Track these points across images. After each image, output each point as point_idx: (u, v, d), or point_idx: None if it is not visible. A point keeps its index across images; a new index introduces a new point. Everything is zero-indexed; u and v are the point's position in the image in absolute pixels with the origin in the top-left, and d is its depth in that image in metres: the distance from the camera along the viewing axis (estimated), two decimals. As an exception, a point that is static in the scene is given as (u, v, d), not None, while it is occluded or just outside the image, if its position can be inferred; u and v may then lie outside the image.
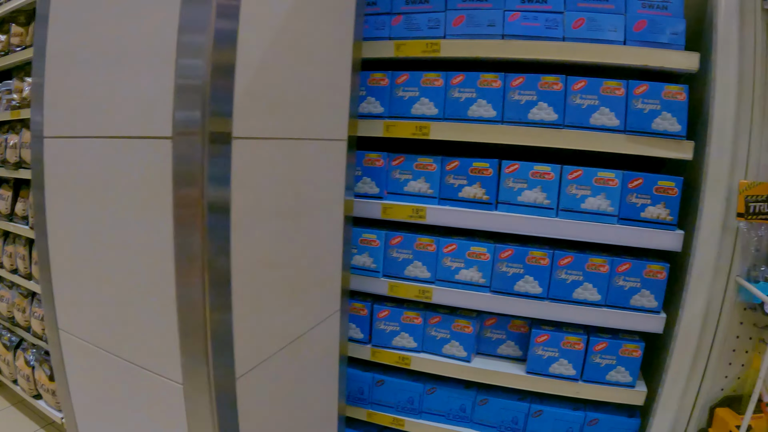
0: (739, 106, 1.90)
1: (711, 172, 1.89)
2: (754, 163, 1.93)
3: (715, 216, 1.91)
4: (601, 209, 1.93)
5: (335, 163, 1.90)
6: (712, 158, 1.89)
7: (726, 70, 1.87)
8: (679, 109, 1.88)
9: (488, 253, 2.02)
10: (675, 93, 1.89)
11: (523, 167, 1.97)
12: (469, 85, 1.99)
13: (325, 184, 1.86)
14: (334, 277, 1.95)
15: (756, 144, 1.92)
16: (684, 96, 1.88)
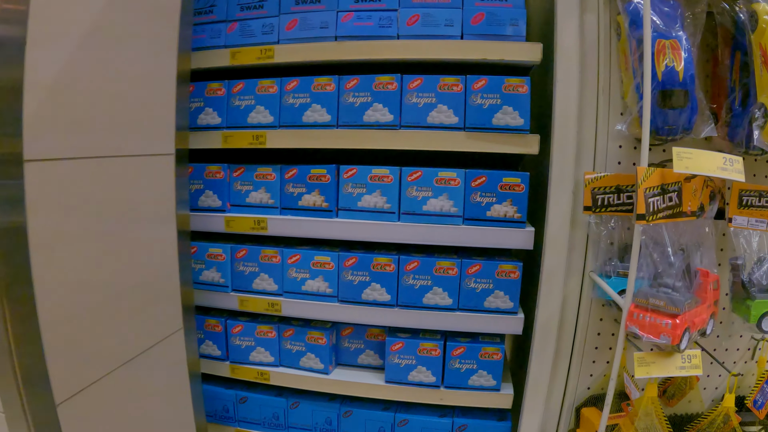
0: (583, 94, 1.71)
1: (556, 165, 1.71)
2: (601, 153, 1.74)
3: (563, 211, 1.72)
4: (445, 210, 1.74)
5: (161, 179, 1.70)
6: (555, 150, 1.70)
7: (566, 57, 1.68)
8: (520, 103, 1.69)
9: (332, 262, 1.83)
10: (516, 86, 1.69)
11: (362, 171, 1.78)
12: (304, 90, 1.79)
13: (148, 200, 1.65)
14: (171, 296, 1.76)
15: (603, 134, 1.73)
16: (526, 88, 1.69)
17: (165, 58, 1.69)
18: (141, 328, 1.65)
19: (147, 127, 1.64)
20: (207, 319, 1.99)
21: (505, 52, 1.68)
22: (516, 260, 1.79)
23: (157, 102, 1.68)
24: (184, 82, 1.75)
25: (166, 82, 1.70)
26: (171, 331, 1.77)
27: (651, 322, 1.43)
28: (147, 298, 1.67)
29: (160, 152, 1.69)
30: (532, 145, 1.71)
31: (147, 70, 1.62)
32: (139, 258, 1.62)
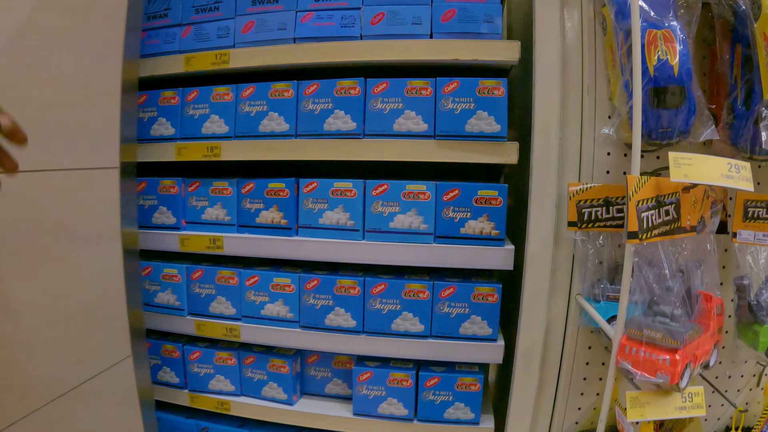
0: (566, 96, 1.45)
1: (536, 176, 1.44)
2: (587, 161, 1.47)
3: (545, 227, 1.45)
4: (414, 227, 1.48)
5: (103, 194, 1.45)
6: (535, 159, 1.44)
7: (546, 54, 1.43)
8: (496, 107, 1.43)
9: (293, 285, 1.57)
10: (491, 88, 1.44)
11: (323, 185, 1.52)
12: (260, 97, 1.54)
13: (88, 217, 1.41)
14: (117, 320, 1.51)
15: (589, 140, 1.47)
16: (502, 91, 1.43)
17: (108, 65, 1.45)
18: (79, 357, 1.41)
19: (86, 139, 1.41)
20: (164, 345, 1.73)
21: (478, 52, 1.43)
22: (495, 281, 1.52)
23: (99, 112, 1.44)
24: (131, 90, 1.52)
25: (110, 91, 1.46)
26: (118, 358, 1.53)
27: (646, 357, 1.15)
28: (87, 323, 1.43)
29: (102, 165, 1.45)
30: (510, 154, 1.45)
31: (86, 77, 1.39)
32: (77, 280, 1.39)
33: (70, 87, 1.34)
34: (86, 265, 1.41)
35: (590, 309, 1.38)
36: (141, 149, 1.64)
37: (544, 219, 1.45)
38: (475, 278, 1.56)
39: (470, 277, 1.56)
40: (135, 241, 1.56)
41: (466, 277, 1.55)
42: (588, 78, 1.45)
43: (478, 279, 1.55)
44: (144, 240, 1.66)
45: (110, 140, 1.47)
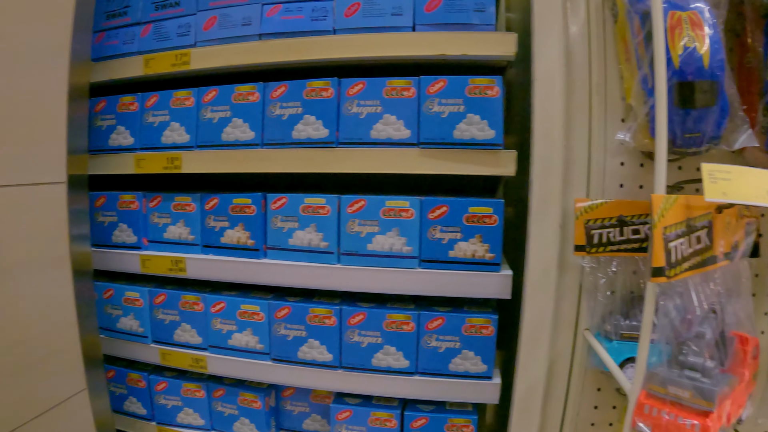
0: (571, 96, 1.17)
1: (537, 190, 1.17)
2: (597, 173, 1.19)
3: (547, 251, 1.18)
4: (396, 250, 1.21)
5: (47, 212, 1.21)
6: (536, 171, 1.17)
7: (547, 46, 1.16)
8: (490, 109, 1.16)
9: (262, 312, 1.31)
10: (484, 87, 1.16)
11: (292, 201, 1.26)
12: (223, 101, 1.29)
13: (27, 238, 1.18)
14: (67, 351, 1.27)
15: (598, 147, 1.19)
16: (497, 90, 1.16)
17: (50, 69, 1.21)
18: (22, 394, 1.18)
19: (25, 151, 1.17)
20: (129, 373, 1.49)
21: (469, 46, 1.16)
22: (490, 312, 1.24)
23: (40, 121, 1.21)
24: (80, 97, 1.28)
25: (53, 98, 1.22)
26: (70, 392, 1.29)
27: (670, 420, 0.87)
28: (30, 357, 1.19)
29: (44, 181, 1.21)
30: (507, 164, 1.17)
31: (24, 83, 1.16)
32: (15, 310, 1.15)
33: (3, 94, 1.11)
34: (26, 293, 1.17)
35: (601, 350, 1.10)
36: (99, 161, 1.40)
37: (546, 242, 1.17)
38: (468, 307, 1.28)
39: (462, 306, 1.28)
40: (88, 261, 1.31)
41: (456, 306, 1.28)
42: (597, 74, 1.17)
43: (471, 308, 1.27)
44: (104, 260, 1.42)
45: (55, 152, 1.23)
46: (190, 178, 1.44)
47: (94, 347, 1.34)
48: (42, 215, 1.20)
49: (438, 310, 1.24)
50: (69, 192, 1.24)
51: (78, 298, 1.27)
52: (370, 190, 1.30)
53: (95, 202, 1.42)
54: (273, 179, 1.43)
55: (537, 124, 1.16)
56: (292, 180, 1.40)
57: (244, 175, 1.29)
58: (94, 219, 1.43)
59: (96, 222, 1.43)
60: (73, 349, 1.29)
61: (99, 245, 1.43)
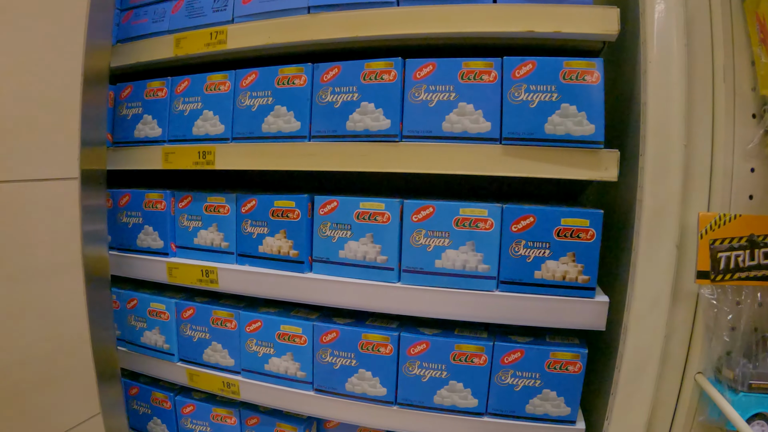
0: (692, 83, 0.91)
1: (648, 200, 0.91)
2: (721, 181, 0.93)
3: (660, 276, 0.92)
4: (470, 268, 0.97)
5: (54, 211, 1.01)
6: (648, 178, 0.91)
7: (663, 24, 0.91)
8: (589, 99, 0.91)
9: (305, 335, 1.09)
10: (582, 72, 0.91)
11: (345, 205, 1.02)
12: (265, 85, 1.06)
13: (31, 240, 0.98)
14: (77, 371, 1.07)
15: (723, 149, 0.93)
16: (597, 76, 0.91)
17: (61, 51, 1.01)
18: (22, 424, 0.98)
19: (30, 143, 0.97)
20: (154, 392, 1.29)
21: (561, 21, 0.91)
22: (578, 344, 0.99)
23: (50, 110, 1.00)
24: (98, 82, 1.07)
25: (64, 84, 1.03)
26: (81, 418, 1.10)
27: None
28: (33, 379, 1.00)
29: (53, 176, 1.00)
30: (608, 167, 0.92)
31: (25, 66, 0.94)
32: (14, 323, 0.95)
33: (6, 79, 0.90)
34: (30, 303, 0.97)
35: (722, 401, 0.85)
36: (123, 154, 1.20)
37: (659, 265, 0.91)
38: (550, 337, 1.03)
39: (543, 336, 1.03)
40: (104, 267, 1.11)
41: (537, 336, 1.03)
42: (720, 58, 0.91)
43: (555, 339, 1.02)
44: (127, 266, 1.22)
45: (66, 144, 1.03)
46: (224, 175, 1.22)
47: (110, 364, 1.14)
48: (51, 215, 1.01)
49: (516, 341, 1.00)
50: (83, 189, 1.04)
51: (92, 308, 1.08)
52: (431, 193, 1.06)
53: (119, 200, 1.22)
54: (319, 178, 1.19)
55: (650, 117, 0.90)
56: (339, 180, 1.17)
57: (287, 173, 1.06)
58: (117, 219, 1.22)
59: (119, 223, 1.22)
60: (85, 369, 1.10)
61: (122, 249, 1.23)
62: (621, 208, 1.06)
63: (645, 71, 0.92)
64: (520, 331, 1.06)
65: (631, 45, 1.00)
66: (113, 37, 1.22)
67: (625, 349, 0.95)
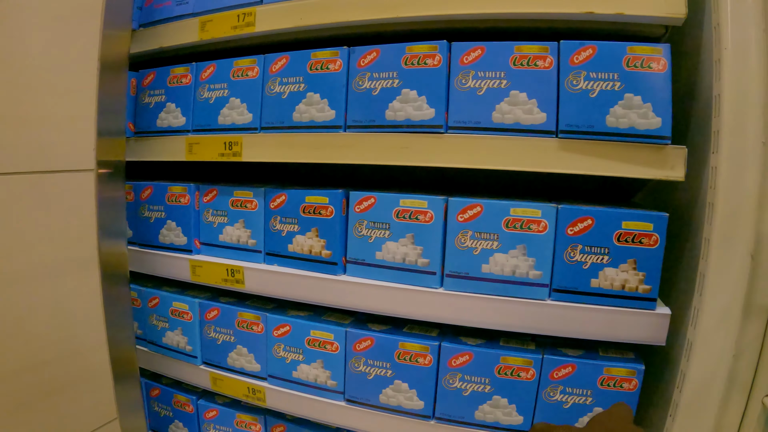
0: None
1: (721, 205, 0.81)
2: (808, 183, 0.82)
3: (731, 288, 0.83)
4: (520, 274, 0.88)
5: (68, 205, 0.94)
6: (721, 177, 0.81)
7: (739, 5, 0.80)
8: (655, 88, 0.81)
9: (337, 342, 1.01)
10: (647, 59, 0.82)
11: (383, 202, 0.94)
12: (296, 71, 0.98)
13: (43, 235, 0.91)
14: (92, 374, 1.01)
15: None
16: (665, 63, 0.81)
17: (76, 35, 0.94)
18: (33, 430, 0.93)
19: (42, 132, 0.90)
20: (176, 394, 1.23)
21: (625, 2, 0.81)
22: (634, 360, 0.90)
23: (62, 98, 0.93)
24: (114, 70, 1.01)
25: (79, 70, 0.96)
26: (96, 424, 1.03)
27: None
28: (44, 384, 0.94)
29: (67, 168, 0.94)
30: (675, 165, 0.82)
31: (37, 52, 0.88)
32: (24, 325, 0.89)
33: (13, 63, 0.84)
34: (41, 303, 0.91)
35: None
36: (145, 144, 1.13)
37: (731, 276, 0.82)
38: (602, 351, 0.94)
39: (595, 349, 0.94)
40: (122, 263, 1.05)
41: (589, 349, 0.94)
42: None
43: (608, 353, 0.93)
44: (149, 263, 1.16)
45: (81, 134, 0.96)
46: (251, 168, 1.14)
47: (128, 365, 1.09)
48: (65, 209, 0.94)
49: (567, 354, 0.91)
50: (100, 181, 0.97)
51: (109, 307, 1.01)
52: (473, 191, 0.98)
53: (141, 193, 1.15)
54: (353, 173, 1.11)
55: (726, 111, 0.80)
56: (373, 174, 1.09)
57: (318, 166, 0.98)
58: (139, 213, 1.16)
59: (142, 217, 1.16)
60: (102, 372, 1.04)
61: (144, 245, 1.16)
62: (682, 211, 0.96)
63: (719, 59, 0.82)
64: (570, 343, 0.98)
65: (695, 31, 0.90)
66: (135, 22, 1.15)
67: (689, 368, 0.86)
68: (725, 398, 0.86)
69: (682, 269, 0.92)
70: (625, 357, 0.92)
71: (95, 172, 0.96)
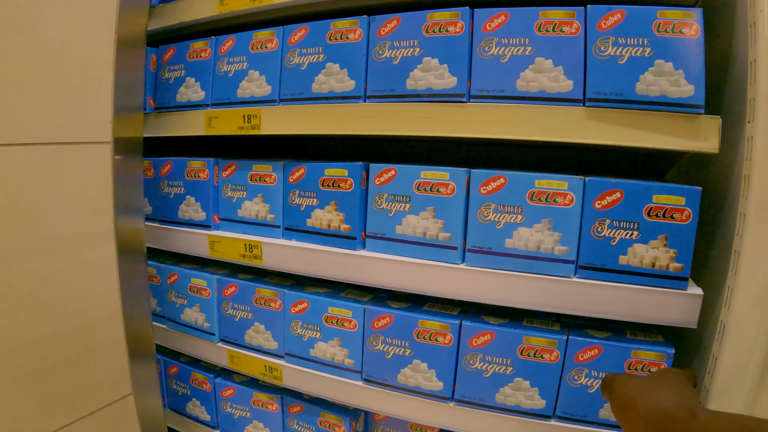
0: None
1: (757, 177, 0.77)
2: None
3: (766, 267, 0.79)
4: (545, 250, 0.85)
5: (84, 177, 0.95)
6: (758, 147, 0.77)
7: None
8: (688, 55, 0.78)
9: (355, 320, 1.00)
10: (679, 24, 0.78)
11: (404, 174, 0.92)
12: (316, 42, 0.97)
13: (58, 207, 0.92)
14: (107, 349, 1.01)
15: None
16: (697, 29, 0.77)
17: (92, 8, 0.94)
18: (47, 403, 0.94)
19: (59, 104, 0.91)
20: (193, 372, 1.24)
21: None
22: (663, 343, 0.87)
23: (79, 71, 0.93)
24: (132, 45, 1.01)
25: (96, 43, 0.96)
26: (110, 399, 1.05)
27: None
28: (59, 358, 0.94)
29: (83, 140, 0.94)
30: (708, 136, 0.78)
31: (54, 24, 0.88)
32: (38, 299, 0.90)
33: (28, 36, 0.85)
34: (56, 276, 0.91)
35: None
36: (165, 119, 1.13)
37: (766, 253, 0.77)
38: (631, 332, 0.91)
39: (623, 331, 0.91)
40: (139, 239, 1.05)
41: (616, 330, 0.91)
42: None
43: (636, 335, 0.90)
44: (169, 239, 1.16)
45: (97, 107, 0.96)
46: (270, 142, 1.14)
47: (144, 342, 1.09)
48: (81, 182, 0.94)
49: (593, 336, 0.88)
50: (117, 156, 0.97)
51: (125, 282, 1.01)
52: (496, 163, 0.95)
53: (161, 169, 1.16)
54: (373, 145, 1.10)
55: (762, 77, 0.76)
56: (394, 147, 1.07)
57: (337, 140, 0.97)
58: (159, 190, 1.17)
59: (162, 193, 1.16)
60: (117, 347, 1.04)
61: (164, 221, 1.17)
62: (716, 185, 0.92)
63: (755, 23, 0.78)
64: (597, 324, 0.95)
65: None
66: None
67: (722, 351, 0.82)
68: (760, 383, 0.82)
69: (716, 247, 0.88)
70: (654, 340, 0.89)
71: (111, 144, 0.97)
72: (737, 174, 0.82)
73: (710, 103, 0.89)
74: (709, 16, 0.94)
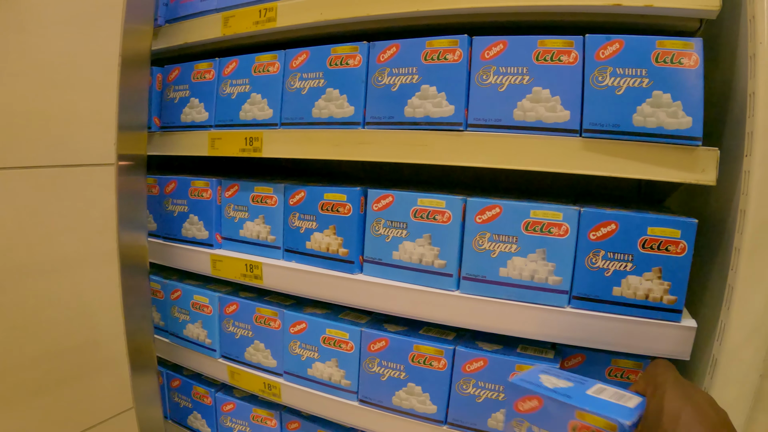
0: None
1: (753, 211, 0.78)
2: None
3: (760, 302, 0.80)
4: (539, 279, 0.87)
5: (88, 198, 0.97)
6: (754, 182, 0.78)
7: None
8: (686, 86, 0.78)
9: (352, 342, 1.02)
10: (678, 54, 0.79)
11: (401, 201, 0.94)
12: (316, 66, 0.99)
13: (63, 227, 0.95)
14: (110, 363, 1.05)
15: None
16: (697, 59, 0.78)
17: (97, 30, 0.97)
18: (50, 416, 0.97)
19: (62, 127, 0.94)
20: (195, 386, 1.27)
21: None
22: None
23: (83, 93, 0.97)
24: (136, 65, 1.03)
25: (100, 65, 0.99)
26: (112, 412, 1.07)
27: None
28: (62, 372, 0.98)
29: (87, 162, 0.97)
30: (705, 168, 0.79)
31: (58, 47, 0.92)
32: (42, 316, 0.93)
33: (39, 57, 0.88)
34: (61, 295, 0.94)
35: None
36: (169, 139, 1.17)
37: (761, 291, 0.78)
38: (614, 361, 0.92)
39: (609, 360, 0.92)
40: (142, 255, 1.08)
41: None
42: None
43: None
44: (173, 256, 1.19)
45: (101, 129, 0.99)
46: (270, 164, 1.16)
47: (145, 356, 1.12)
48: (85, 202, 0.97)
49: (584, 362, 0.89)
50: (120, 175, 1.01)
51: (127, 298, 1.04)
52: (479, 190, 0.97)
53: (165, 187, 1.19)
54: (369, 172, 1.12)
55: (761, 110, 0.77)
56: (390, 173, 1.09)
57: (336, 163, 0.99)
58: (164, 207, 1.20)
59: (166, 211, 1.19)
60: (119, 361, 1.07)
61: (168, 238, 1.20)
62: (713, 218, 0.92)
63: (754, 54, 0.78)
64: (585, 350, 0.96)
65: (730, 24, 0.87)
66: (162, 18, 1.19)
67: (713, 386, 0.83)
68: (750, 419, 0.83)
69: (710, 280, 0.89)
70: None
71: (116, 166, 1.00)
72: (734, 208, 0.82)
73: (712, 133, 0.90)
74: (712, 44, 0.95)
